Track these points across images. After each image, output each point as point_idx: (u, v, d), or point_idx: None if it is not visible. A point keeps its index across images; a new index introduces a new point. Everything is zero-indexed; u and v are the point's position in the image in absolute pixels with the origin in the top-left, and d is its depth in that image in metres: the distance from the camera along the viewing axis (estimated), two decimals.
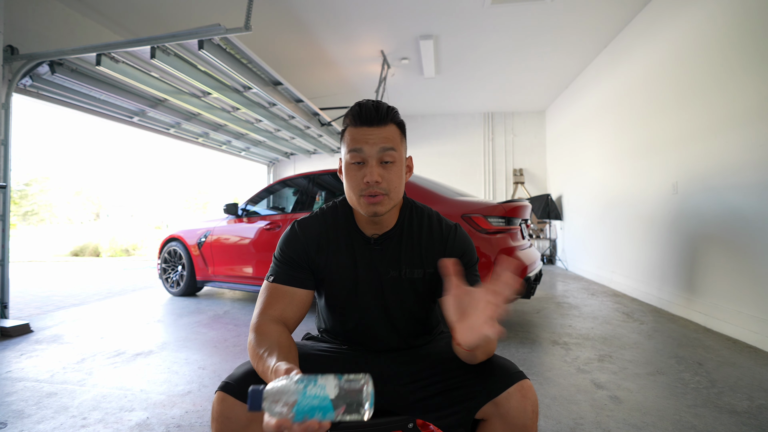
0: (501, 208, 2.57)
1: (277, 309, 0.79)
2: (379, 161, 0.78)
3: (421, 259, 0.85)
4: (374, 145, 0.77)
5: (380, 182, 0.77)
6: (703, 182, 2.80)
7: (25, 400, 1.62)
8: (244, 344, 2.38)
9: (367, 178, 0.77)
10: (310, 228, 0.87)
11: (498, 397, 0.68)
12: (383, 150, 0.77)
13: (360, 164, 0.78)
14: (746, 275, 2.38)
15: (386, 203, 0.79)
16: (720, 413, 1.49)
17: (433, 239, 0.86)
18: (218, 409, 0.68)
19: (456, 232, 0.88)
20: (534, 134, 7.19)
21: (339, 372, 0.53)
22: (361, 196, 0.79)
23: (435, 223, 0.89)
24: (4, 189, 2.61)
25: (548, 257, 6.68)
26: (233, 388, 0.69)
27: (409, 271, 0.85)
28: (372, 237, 0.86)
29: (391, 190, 0.79)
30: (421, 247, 0.86)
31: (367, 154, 0.77)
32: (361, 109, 0.79)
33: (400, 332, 0.88)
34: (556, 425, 1.42)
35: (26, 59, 2.84)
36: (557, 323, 2.81)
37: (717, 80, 2.64)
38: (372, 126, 0.78)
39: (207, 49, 2.80)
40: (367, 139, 0.77)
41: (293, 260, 0.84)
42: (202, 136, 5.40)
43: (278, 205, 3.94)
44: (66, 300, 3.78)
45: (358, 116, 0.78)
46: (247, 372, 0.72)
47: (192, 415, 1.50)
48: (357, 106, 0.80)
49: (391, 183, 0.79)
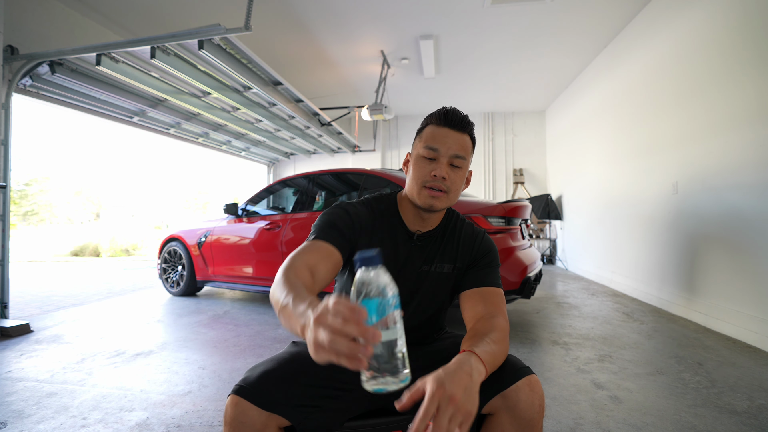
0: (501, 208, 2.57)
1: (311, 258, 0.76)
2: (450, 162, 0.84)
3: (455, 256, 0.91)
4: (451, 147, 0.83)
5: (446, 179, 0.83)
6: (703, 182, 2.80)
7: (25, 400, 1.62)
8: (244, 344, 2.38)
9: (436, 171, 0.82)
10: (358, 210, 0.89)
11: (507, 390, 0.68)
12: (456, 156, 0.84)
13: (431, 160, 0.84)
14: (746, 275, 2.38)
15: (444, 201, 0.85)
16: (720, 413, 1.49)
17: (466, 239, 0.93)
18: (232, 414, 0.67)
19: (484, 235, 0.96)
20: (534, 134, 7.19)
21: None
22: (424, 187, 0.84)
23: (467, 227, 0.96)
24: (4, 189, 2.61)
25: (548, 257, 6.68)
26: (248, 392, 0.67)
27: (440, 266, 0.90)
28: (415, 233, 0.90)
29: (452, 191, 0.85)
30: (455, 246, 0.92)
31: (442, 152, 0.83)
32: (448, 113, 0.84)
33: (413, 324, 0.90)
34: (557, 425, 1.42)
35: (26, 59, 2.84)
36: (557, 323, 2.81)
37: (717, 80, 2.64)
38: (453, 129, 0.84)
39: (207, 49, 2.80)
40: (446, 140, 0.83)
41: (337, 226, 0.84)
42: (202, 136, 5.40)
43: (278, 205, 3.94)
44: (66, 300, 3.78)
45: (444, 117, 0.84)
46: (262, 375, 0.70)
47: (192, 415, 1.50)
48: (444, 109, 0.85)
49: (454, 184, 0.85)
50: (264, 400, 0.68)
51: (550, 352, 2.20)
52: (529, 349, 2.24)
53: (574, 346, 2.30)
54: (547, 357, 2.13)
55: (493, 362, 0.68)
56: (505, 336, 0.76)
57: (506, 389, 0.68)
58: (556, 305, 3.40)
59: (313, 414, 0.72)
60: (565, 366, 1.99)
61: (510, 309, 3.26)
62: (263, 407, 0.67)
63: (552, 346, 2.30)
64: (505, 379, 0.70)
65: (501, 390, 0.69)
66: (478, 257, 0.91)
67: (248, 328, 2.72)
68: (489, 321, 0.78)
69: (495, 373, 0.71)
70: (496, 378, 0.70)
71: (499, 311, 0.82)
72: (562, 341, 2.39)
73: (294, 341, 0.88)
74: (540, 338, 2.46)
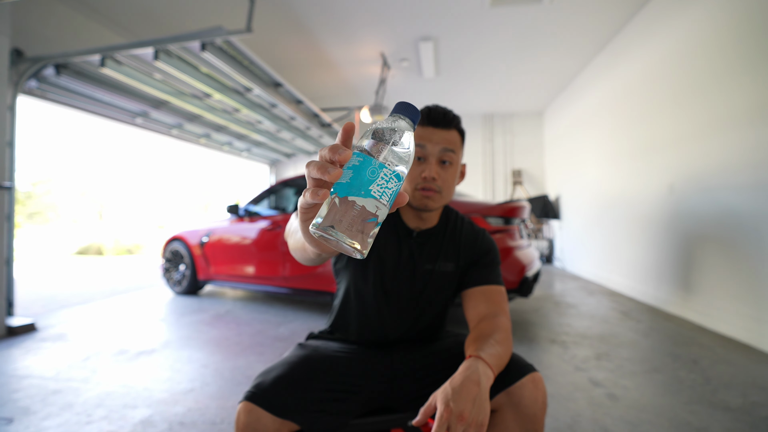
0: (500, 209, 2.59)
1: None
2: (439, 160, 0.84)
3: (457, 254, 0.91)
4: (437, 144, 0.83)
5: (437, 179, 0.83)
6: (699, 183, 2.82)
7: (31, 397, 1.65)
8: (245, 342, 2.41)
9: (426, 173, 0.82)
10: None
11: (511, 386, 0.70)
12: (444, 150, 0.83)
13: (421, 160, 0.84)
14: (741, 274, 2.40)
15: (437, 200, 0.85)
16: (714, 410, 1.52)
17: (467, 237, 0.94)
18: (245, 421, 0.65)
19: (485, 233, 0.97)
20: (532, 135, 7.20)
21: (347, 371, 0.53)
22: (416, 189, 0.84)
23: (467, 225, 0.97)
24: (10, 189, 2.65)
25: (546, 257, 6.70)
26: (262, 399, 0.66)
27: (443, 265, 0.90)
28: (415, 230, 0.91)
29: (444, 189, 0.85)
30: (457, 244, 0.92)
31: (429, 151, 0.83)
32: (431, 112, 0.84)
33: (416, 322, 0.91)
34: (554, 422, 1.44)
35: (32, 62, 2.87)
36: (555, 322, 2.83)
37: (714, 81, 2.67)
38: (438, 127, 0.84)
39: (209, 51, 2.83)
40: (432, 138, 0.83)
41: None
42: (204, 137, 5.43)
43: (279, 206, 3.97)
44: (70, 299, 3.81)
45: (426, 117, 0.84)
46: (276, 380, 0.70)
47: (194, 413, 1.53)
48: (427, 108, 0.85)
49: (446, 182, 0.85)
50: (278, 406, 0.67)
51: (548, 351, 2.22)
52: (527, 348, 2.27)
53: (571, 344, 2.33)
54: (545, 355, 2.15)
55: (500, 364, 0.70)
56: (508, 335, 0.77)
57: (511, 386, 0.69)
58: (554, 304, 3.42)
59: (321, 417, 0.72)
60: (562, 364, 2.02)
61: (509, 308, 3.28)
62: (278, 414, 0.66)
63: (550, 345, 2.32)
64: (509, 377, 0.71)
65: (506, 387, 0.70)
66: (480, 255, 0.92)
67: (250, 327, 2.75)
68: (492, 321, 0.79)
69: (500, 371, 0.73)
70: (501, 375, 0.72)
71: (501, 310, 0.83)
72: (560, 340, 2.41)
73: (300, 343, 0.88)
74: (538, 337, 2.48)
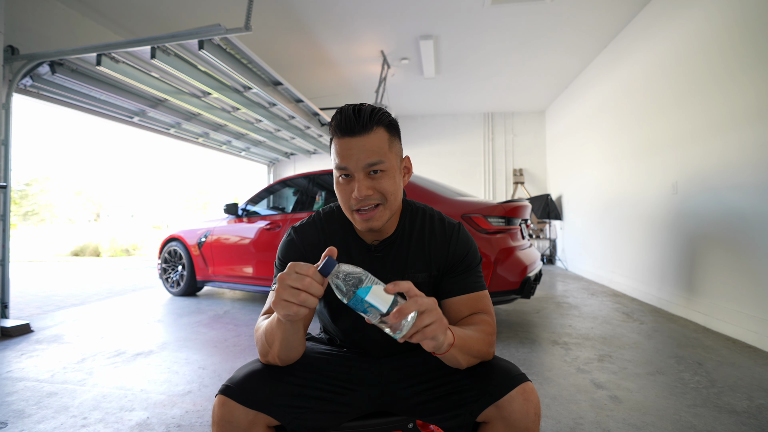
0: (501, 208, 2.57)
1: None
2: (367, 173, 0.73)
3: (427, 262, 0.83)
4: (358, 159, 0.71)
5: (371, 194, 0.73)
6: (702, 182, 2.80)
7: (26, 400, 1.62)
8: (244, 344, 2.38)
9: (355, 194, 0.72)
10: (307, 234, 0.85)
11: (500, 400, 0.67)
12: (368, 163, 0.72)
13: (348, 177, 0.74)
14: (746, 275, 2.38)
15: (382, 214, 0.75)
16: (719, 413, 1.50)
17: (437, 240, 0.83)
18: (219, 413, 0.68)
19: (459, 231, 0.85)
20: (534, 134, 7.19)
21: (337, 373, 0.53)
22: (353, 212, 0.75)
23: (437, 224, 0.86)
24: (5, 189, 2.61)
25: (548, 257, 6.68)
26: (234, 392, 0.68)
27: (413, 276, 0.82)
28: (372, 244, 0.83)
29: (386, 199, 0.75)
30: (426, 250, 0.83)
31: (353, 168, 0.72)
32: (343, 120, 0.72)
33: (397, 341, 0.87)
34: (556, 425, 1.42)
35: (27, 59, 2.84)
36: (557, 323, 2.81)
37: (716, 80, 2.65)
38: (354, 136, 0.71)
39: (207, 49, 2.80)
40: (351, 153, 0.72)
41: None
42: (202, 136, 5.40)
43: (278, 205, 3.94)
44: (66, 300, 3.78)
45: (338, 127, 0.72)
46: (248, 375, 0.71)
47: (192, 415, 1.51)
48: (338, 113, 0.73)
49: (385, 191, 0.74)
50: (250, 398, 0.68)
51: (550, 352, 2.20)
52: (529, 349, 2.25)
53: (573, 345, 2.30)
54: (547, 357, 2.13)
55: (466, 342, 0.67)
56: (486, 328, 0.74)
57: (500, 399, 0.67)
58: (555, 305, 3.40)
59: (304, 414, 0.72)
60: (564, 366, 1.99)
61: (510, 309, 3.27)
62: (249, 406, 0.68)
63: (552, 346, 2.30)
64: (498, 388, 0.68)
65: (495, 400, 0.67)
66: (455, 262, 0.82)
67: (248, 328, 2.72)
68: (473, 317, 0.78)
69: (488, 382, 0.70)
70: (490, 386, 0.69)
71: (484, 311, 0.80)
72: (562, 341, 2.39)
73: None
74: (540, 338, 2.46)
